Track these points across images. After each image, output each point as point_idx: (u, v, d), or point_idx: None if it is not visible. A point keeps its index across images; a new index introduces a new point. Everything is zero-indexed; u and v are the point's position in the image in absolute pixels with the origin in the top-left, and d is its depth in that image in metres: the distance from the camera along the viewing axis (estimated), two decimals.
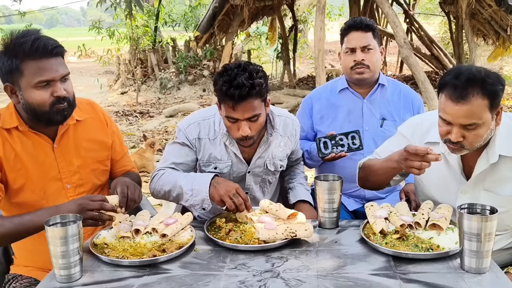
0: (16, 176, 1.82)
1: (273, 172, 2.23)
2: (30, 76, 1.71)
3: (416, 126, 1.97)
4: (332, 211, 1.86)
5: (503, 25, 8.04)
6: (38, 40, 1.71)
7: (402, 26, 6.83)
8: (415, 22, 10.97)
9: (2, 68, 1.75)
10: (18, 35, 1.73)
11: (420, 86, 6.16)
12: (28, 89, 1.73)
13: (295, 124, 2.25)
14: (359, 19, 2.46)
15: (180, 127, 2.15)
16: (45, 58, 1.72)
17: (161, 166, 2.14)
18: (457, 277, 1.47)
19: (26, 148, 1.83)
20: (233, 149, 2.12)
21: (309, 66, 15.07)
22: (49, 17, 74.73)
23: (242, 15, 8.69)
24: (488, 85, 1.60)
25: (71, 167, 1.92)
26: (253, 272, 1.55)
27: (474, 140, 1.68)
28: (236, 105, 1.88)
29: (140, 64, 11.87)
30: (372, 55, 2.41)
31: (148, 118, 8.85)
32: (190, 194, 1.97)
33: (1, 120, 1.82)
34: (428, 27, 13.44)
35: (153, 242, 1.72)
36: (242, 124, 1.93)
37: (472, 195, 1.82)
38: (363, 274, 1.51)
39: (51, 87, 1.74)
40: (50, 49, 1.72)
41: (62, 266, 1.48)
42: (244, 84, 1.85)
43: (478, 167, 1.78)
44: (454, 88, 1.62)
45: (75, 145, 1.94)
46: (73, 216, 1.57)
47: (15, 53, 1.70)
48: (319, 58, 6.30)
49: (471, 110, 1.61)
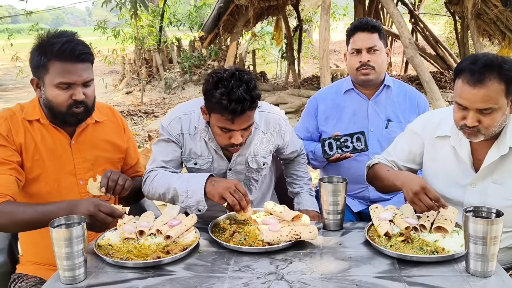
0: (32, 166, 1.88)
1: (256, 169, 2.18)
2: (54, 75, 1.79)
3: (426, 122, 1.98)
4: (337, 213, 1.86)
5: (509, 25, 8.00)
6: (68, 43, 1.78)
7: (407, 26, 6.81)
8: (420, 22, 10.93)
9: (33, 62, 1.84)
10: (53, 35, 1.82)
11: (425, 86, 6.13)
12: (50, 87, 1.81)
13: (278, 118, 2.16)
14: (365, 20, 2.45)
15: (163, 124, 2.13)
16: (71, 62, 1.79)
17: (151, 167, 2.10)
18: (462, 281, 1.46)
19: (45, 140, 1.90)
20: (212, 145, 2.08)
21: (314, 66, 15.06)
22: (55, 16, 75.02)
23: (247, 15, 8.69)
24: (505, 70, 1.63)
25: (86, 164, 1.98)
26: (257, 274, 1.54)
27: (490, 125, 1.69)
28: (235, 118, 1.85)
29: (145, 64, 11.90)
30: (377, 56, 2.40)
31: (153, 118, 8.87)
32: (185, 196, 1.95)
33: (24, 112, 1.91)
34: (434, 27, 13.38)
35: (157, 243, 1.72)
36: (237, 134, 1.91)
37: (481, 188, 1.82)
38: (368, 277, 1.51)
39: (71, 89, 1.81)
40: (77, 54, 1.79)
41: (66, 268, 1.49)
42: (245, 98, 1.81)
43: (488, 158, 1.78)
44: (471, 73, 1.65)
45: (92, 143, 2.01)
46: (77, 217, 1.57)
47: (45, 51, 1.79)
48: (324, 58, 6.29)
49: (487, 94, 1.63)
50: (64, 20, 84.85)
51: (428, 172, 1.97)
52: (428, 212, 1.72)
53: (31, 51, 1.85)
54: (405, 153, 2.01)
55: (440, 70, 10.97)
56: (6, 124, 1.85)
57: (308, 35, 15.87)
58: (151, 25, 11.93)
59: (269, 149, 2.17)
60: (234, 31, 9.13)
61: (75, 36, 1.85)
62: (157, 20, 12.11)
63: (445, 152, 1.89)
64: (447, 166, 1.88)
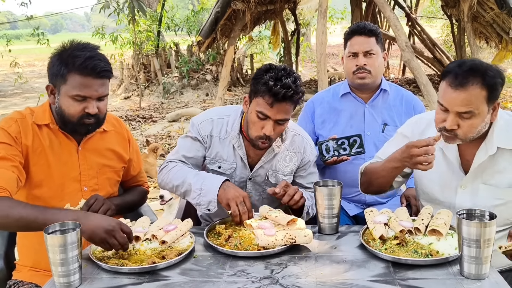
0: (37, 170, 1.90)
1: (274, 184, 2.17)
2: (71, 87, 1.82)
3: (414, 125, 2.00)
4: (332, 217, 1.86)
5: (505, 27, 8.02)
6: (91, 59, 1.81)
7: (404, 30, 6.82)
8: (418, 25, 10.96)
9: (51, 69, 1.87)
10: (76, 47, 1.85)
11: (422, 89, 6.14)
12: (65, 97, 1.84)
13: (306, 142, 2.19)
14: (363, 24, 2.46)
15: (194, 121, 2.18)
16: (91, 77, 1.81)
17: (171, 158, 2.16)
18: (456, 283, 1.46)
19: (53, 145, 1.93)
20: (240, 153, 2.12)
21: (312, 70, 15.08)
22: (54, 22, 75.13)
23: (244, 20, 8.70)
24: (488, 77, 1.65)
25: (91, 171, 2.01)
26: (252, 278, 1.55)
27: (468, 130, 1.70)
28: (275, 103, 1.91)
29: (143, 69, 11.91)
30: (374, 60, 2.41)
31: (151, 123, 8.87)
32: (198, 193, 1.98)
33: (34, 116, 1.93)
34: (431, 30, 13.43)
35: (153, 248, 1.72)
36: (269, 124, 1.95)
37: (472, 190, 1.83)
38: (363, 281, 1.51)
39: (86, 102, 1.84)
40: (98, 70, 1.81)
41: (61, 274, 1.49)
42: (291, 86, 1.90)
43: (477, 159, 1.80)
44: (455, 75, 1.67)
45: (97, 151, 2.03)
46: (72, 223, 1.57)
47: (66, 62, 1.81)
48: (321, 62, 6.30)
49: (468, 98, 1.65)
50: (62, 26, 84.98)
51: (419, 175, 1.98)
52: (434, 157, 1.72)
53: (51, 57, 1.88)
54: None
55: (437, 73, 10.99)
56: (16, 126, 1.87)
57: (306, 38, 15.90)
58: (149, 30, 11.98)
59: (291, 168, 2.18)
60: (231, 35, 9.14)
61: (97, 50, 1.87)
62: (155, 25, 12.15)
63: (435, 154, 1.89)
64: (437, 169, 1.89)
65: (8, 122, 1.88)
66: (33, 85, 13.85)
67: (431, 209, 1.86)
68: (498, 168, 1.79)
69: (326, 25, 6.70)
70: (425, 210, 1.85)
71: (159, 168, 2.19)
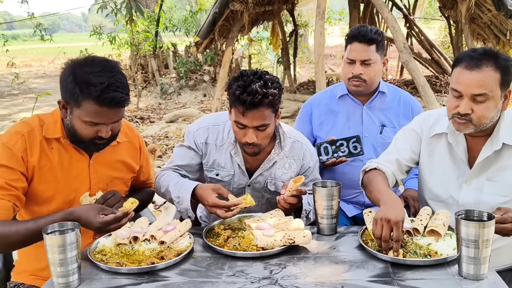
0: (45, 187, 1.83)
1: (273, 192, 2.17)
2: (85, 113, 1.71)
3: (423, 121, 2.01)
4: (331, 218, 1.87)
5: (503, 29, 8.04)
6: (109, 90, 1.68)
7: (402, 31, 6.83)
8: (415, 27, 10.98)
9: (65, 86, 1.74)
10: (94, 69, 1.69)
11: (420, 90, 6.15)
12: (78, 120, 1.74)
13: (305, 149, 2.16)
14: (364, 31, 2.37)
15: (190, 129, 2.18)
16: (107, 108, 1.71)
17: (165, 167, 2.19)
18: (455, 284, 1.47)
19: (62, 161, 1.85)
20: (237, 160, 2.11)
21: (310, 71, 15.09)
22: (51, 22, 74.95)
23: (242, 21, 8.69)
24: (501, 60, 1.71)
25: (101, 184, 1.96)
26: (251, 279, 1.55)
27: (482, 115, 1.71)
28: (247, 112, 1.88)
29: (140, 70, 11.91)
30: (371, 70, 2.38)
31: (149, 124, 8.86)
32: (177, 201, 2.01)
33: (45, 128, 1.83)
34: (429, 32, 13.46)
35: (152, 249, 1.72)
36: (249, 132, 1.93)
37: (476, 186, 1.84)
38: (361, 281, 1.51)
39: (99, 126, 1.76)
40: (116, 102, 1.71)
41: (60, 274, 1.49)
42: (258, 91, 1.85)
43: (483, 154, 1.81)
44: (470, 59, 1.71)
45: (109, 164, 1.99)
46: (71, 224, 1.57)
47: (81, 87, 1.68)
48: (319, 63, 6.30)
49: (483, 79, 1.68)
50: (59, 26, 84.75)
51: (424, 171, 1.99)
52: (380, 241, 1.65)
53: (64, 70, 1.75)
54: (407, 152, 2.01)
55: (435, 74, 11.01)
56: (22, 142, 1.77)
57: (304, 39, 15.92)
58: (146, 30, 11.97)
59: (290, 175, 2.15)
60: (229, 36, 9.14)
61: (116, 73, 1.73)
62: (152, 25, 12.15)
63: (441, 151, 1.91)
64: (442, 164, 1.91)
65: (13, 137, 1.77)
66: (30, 85, 13.80)
67: (430, 210, 1.86)
68: (503, 164, 1.81)
69: (324, 26, 6.70)
70: (424, 211, 1.85)
71: (156, 171, 2.20)
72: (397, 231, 1.61)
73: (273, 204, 2.14)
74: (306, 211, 2.05)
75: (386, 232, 1.62)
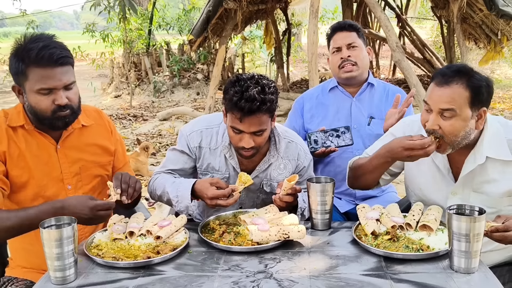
0: (19, 173, 1.86)
1: (269, 192, 2.18)
2: (33, 82, 1.75)
3: (406, 127, 2.01)
4: (325, 213, 1.89)
5: (494, 29, 8.12)
6: (46, 48, 1.73)
7: (395, 30, 6.88)
8: (408, 26, 11.05)
9: (12, 69, 1.80)
10: (29, 40, 1.77)
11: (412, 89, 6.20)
12: (31, 94, 1.78)
13: (300, 149, 2.17)
14: (343, 21, 2.59)
15: (183, 132, 2.16)
16: (50, 67, 1.74)
17: (158, 170, 2.19)
18: (446, 277, 1.49)
19: (30, 147, 1.88)
20: (232, 163, 2.11)
21: (303, 70, 15.13)
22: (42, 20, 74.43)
23: (235, 19, 8.70)
24: (474, 79, 1.70)
25: (73, 169, 1.96)
26: (246, 273, 1.56)
27: (450, 132, 1.72)
28: (244, 118, 1.87)
29: (134, 68, 11.87)
30: (358, 52, 2.47)
31: (142, 122, 8.85)
32: (176, 201, 2.01)
33: (9, 118, 1.87)
34: (421, 31, 13.54)
35: (148, 244, 1.73)
36: (246, 137, 1.92)
37: (462, 196, 1.85)
38: (355, 275, 1.53)
39: (53, 94, 1.78)
40: (55, 58, 1.74)
41: (57, 268, 1.50)
42: (256, 98, 1.84)
43: (465, 168, 1.82)
44: (442, 75, 1.73)
45: (79, 148, 1.98)
46: (68, 218, 1.58)
47: (22, 57, 1.74)
48: (312, 61, 6.33)
49: (451, 96, 1.69)
50: (51, 24, 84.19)
51: (410, 178, 2.01)
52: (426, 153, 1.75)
53: (9, 57, 1.81)
54: None
55: (427, 74, 11.09)
56: None
57: (297, 38, 15.94)
58: (140, 28, 11.93)
59: (285, 175, 2.14)
60: (223, 34, 9.14)
61: (52, 39, 1.80)
62: (146, 23, 12.11)
63: (426, 159, 1.89)
64: (428, 173, 1.92)
65: None
66: None
67: (422, 205, 1.89)
68: (488, 178, 1.81)
69: (318, 25, 6.72)
70: (416, 207, 1.88)
71: (150, 169, 2.20)
72: (413, 137, 1.77)
73: (268, 204, 2.14)
74: (301, 208, 2.06)
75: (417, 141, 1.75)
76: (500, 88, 11.30)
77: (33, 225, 1.66)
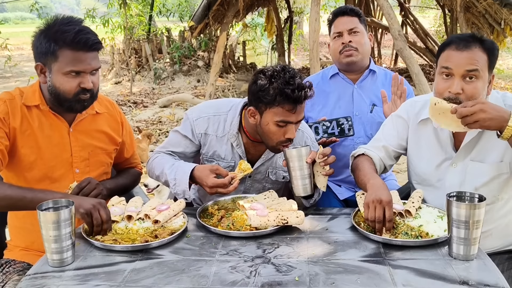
0: (27, 152, 1.88)
1: (274, 181, 2.18)
2: (64, 64, 1.79)
3: (410, 107, 2.03)
4: (303, 178, 1.89)
5: (497, 18, 8.06)
6: (81, 33, 1.78)
7: (397, 19, 6.83)
8: (410, 15, 10.98)
9: (39, 47, 1.81)
10: (63, 21, 1.80)
11: (414, 78, 6.17)
12: (58, 74, 1.81)
13: (306, 137, 2.15)
14: (344, 6, 2.55)
15: (189, 116, 2.12)
16: (83, 51, 1.79)
17: (158, 150, 2.17)
18: (445, 264, 1.49)
19: (42, 127, 1.90)
20: (238, 151, 2.09)
21: (304, 58, 15.07)
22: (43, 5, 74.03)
23: (237, 6, 8.65)
24: (487, 43, 1.76)
25: (83, 153, 1.99)
26: (244, 258, 1.56)
27: (472, 95, 1.72)
28: (296, 107, 1.85)
29: (134, 54, 11.81)
30: (359, 38, 2.45)
31: (142, 108, 8.83)
32: (173, 184, 2.00)
33: (24, 97, 1.89)
34: (423, 21, 13.47)
35: (146, 228, 1.73)
36: (292, 128, 1.89)
37: (461, 168, 1.86)
38: (353, 261, 1.53)
39: (80, 77, 1.82)
40: (90, 44, 1.79)
41: (54, 251, 1.49)
42: (303, 84, 1.84)
43: (468, 135, 1.83)
44: (458, 41, 1.76)
45: (89, 134, 2.02)
46: (65, 201, 1.57)
47: (55, 38, 1.77)
48: (313, 49, 6.29)
49: (474, 57, 1.72)
50: (52, 9, 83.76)
51: (412, 157, 2.01)
52: (374, 223, 1.67)
53: (35, 36, 1.83)
54: (394, 138, 2.03)
55: (429, 63, 11.05)
56: (4, 107, 1.84)
57: (299, 26, 15.85)
58: (140, 14, 11.84)
59: None
60: (224, 21, 9.09)
61: (83, 23, 1.84)
62: (146, 9, 12.02)
63: (428, 136, 1.93)
64: (429, 149, 1.93)
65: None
66: (22, 68, 13.65)
67: (422, 193, 1.88)
68: (487, 145, 1.83)
69: (320, 13, 6.67)
70: (416, 194, 1.87)
71: (150, 155, 2.20)
72: (389, 210, 1.66)
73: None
74: (315, 199, 2.05)
75: (380, 212, 1.65)
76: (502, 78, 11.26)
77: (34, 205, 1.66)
